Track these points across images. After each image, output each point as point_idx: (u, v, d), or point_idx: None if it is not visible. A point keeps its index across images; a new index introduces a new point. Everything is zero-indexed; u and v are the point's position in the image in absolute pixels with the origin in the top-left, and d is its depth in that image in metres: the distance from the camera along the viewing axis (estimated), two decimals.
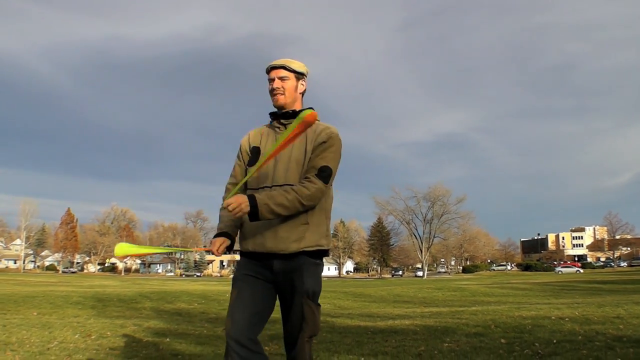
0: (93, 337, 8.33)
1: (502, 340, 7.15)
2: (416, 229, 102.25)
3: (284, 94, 3.44)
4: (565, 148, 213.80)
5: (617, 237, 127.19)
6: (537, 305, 15.68)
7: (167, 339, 8.39)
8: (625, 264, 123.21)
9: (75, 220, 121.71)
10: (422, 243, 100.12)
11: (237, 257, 3.54)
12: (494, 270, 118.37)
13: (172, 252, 3.10)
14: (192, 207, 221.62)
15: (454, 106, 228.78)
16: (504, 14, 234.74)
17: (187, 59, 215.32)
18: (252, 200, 3.07)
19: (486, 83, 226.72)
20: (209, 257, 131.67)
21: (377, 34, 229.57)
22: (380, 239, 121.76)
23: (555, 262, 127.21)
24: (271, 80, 3.46)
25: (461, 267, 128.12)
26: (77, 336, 8.37)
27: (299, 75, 3.51)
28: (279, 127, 3.48)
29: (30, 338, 7.95)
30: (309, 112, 2.98)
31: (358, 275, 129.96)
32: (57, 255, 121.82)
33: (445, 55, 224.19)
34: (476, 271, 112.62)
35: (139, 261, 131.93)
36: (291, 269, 3.21)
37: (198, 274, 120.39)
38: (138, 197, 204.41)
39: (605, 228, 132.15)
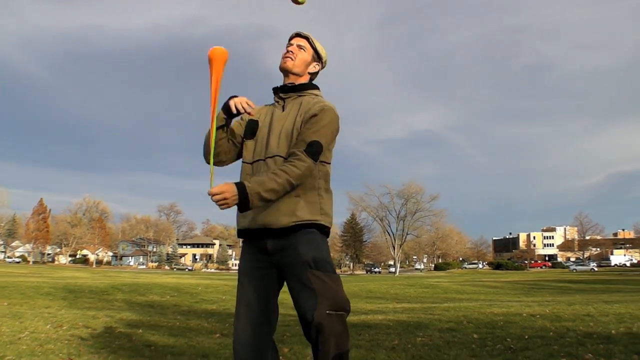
0: (64, 327, 8.26)
1: (475, 336, 7.20)
2: (389, 226, 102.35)
3: (294, 60, 3.31)
4: (538, 148, 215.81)
5: (587, 237, 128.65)
6: (508, 302, 15.82)
7: (140, 330, 8.35)
8: (595, 264, 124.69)
9: (47, 211, 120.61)
10: (395, 240, 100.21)
11: (210, 250, 3.40)
12: (465, 268, 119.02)
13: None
14: (166, 199, 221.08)
15: (429, 104, 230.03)
16: (480, 15, 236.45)
17: (163, 50, 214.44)
18: (243, 190, 2.87)
19: (461, 82, 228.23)
20: (180, 250, 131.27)
21: (353, 30, 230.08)
22: (353, 235, 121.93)
23: (526, 262, 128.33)
24: (289, 45, 3.37)
25: (433, 265, 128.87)
26: (48, 326, 8.30)
27: (317, 55, 3.40)
28: (277, 102, 3.34)
29: (0, 328, 7.87)
30: (215, 48, 2.98)
31: None
32: (28, 246, 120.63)
33: (421, 53, 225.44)
34: (448, 269, 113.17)
35: (110, 253, 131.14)
36: (285, 245, 3.00)
37: (189, 267, 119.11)
38: (111, 188, 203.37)
39: (576, 228, 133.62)
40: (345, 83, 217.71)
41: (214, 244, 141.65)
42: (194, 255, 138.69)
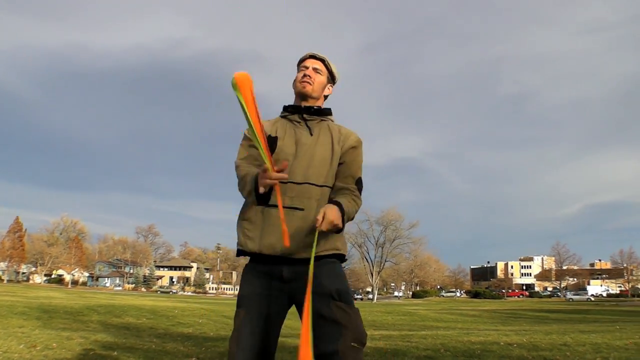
0: (38, 347, 8.16)
1: None
2: (368, 253, 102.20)
3: (312, 84, 3.23)
4: (518, 177, 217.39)
5: (564, 267, 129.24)
6: (485, 331, 15.83)
7: (115, 353, 8.26)
8: (571, 294, 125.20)
9: (23, 230, 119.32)
10: (373, 267, 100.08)
11: (188, 273, 3.24)
12: (443, 296, 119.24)
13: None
14: (145, 220, 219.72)
15: (411, 131, 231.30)
16: (464, 44, 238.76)
17: (147, 71, 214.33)
18: (341, 210, 2.86)
19: (443, 110, 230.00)
20: (157, 272, 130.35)
21: (337, 54, 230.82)
22: None
23: (504, 291, 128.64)
24: (304, 67, 3.27)
25: (411, 292, 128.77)
26: (21, 346, 8.18)
27: (331, 78, 3.36)
28: (299, 122, 3.19)
29: None
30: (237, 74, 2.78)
31: None
32: (3, 265, 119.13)
33: (404, 80, 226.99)
34: (426, 296, 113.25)
35: (86, 274, 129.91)
36: (303, 274, 2.78)
37: (174, 290, 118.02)
38: (90, 208, 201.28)
39: (553, 258, 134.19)
40: (327, 106, 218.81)
41: (192, 267, 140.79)
42: (171, 278, 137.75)
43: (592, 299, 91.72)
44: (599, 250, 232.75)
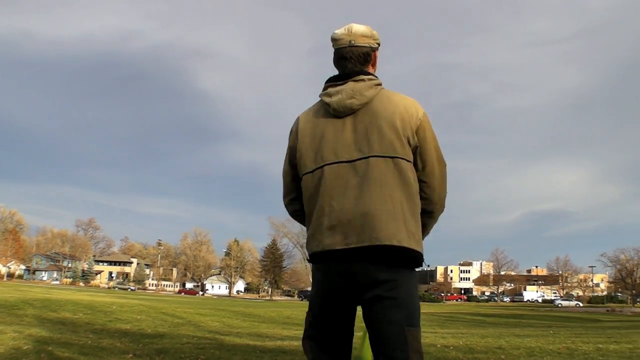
0: None
1: None
2: None
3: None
4: (461, 183, 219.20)
5: (502, 273, 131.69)
6: (423, 333, 15.99)
7: (50, 348, 8.12)
8: (508, 299, 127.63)
9: None
10: None
11: (127, 269, 2.93)
12: None
13: None
14: (85, 214, 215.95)
15: None
16: (414, 50, 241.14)
17: (95, 62, 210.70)
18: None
19: None
20: (97, 267, 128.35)
21: (288, 55, 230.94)
22: (273, 260, 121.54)
23: (443, 294, 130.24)
24: None
25: None
26: None
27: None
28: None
29: None
30: None
31: (248, 295, 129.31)
32: None
33: None
34: None
35: (23, 267, 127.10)
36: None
37: (132, 287, 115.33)
38: (29, 199, 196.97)
39: (492, 264, 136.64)
40: (277, 106, 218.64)
41: (132, 263, 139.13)
42: (110, 273, 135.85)
43: (581, 305, 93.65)
44: (536, 257, 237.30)
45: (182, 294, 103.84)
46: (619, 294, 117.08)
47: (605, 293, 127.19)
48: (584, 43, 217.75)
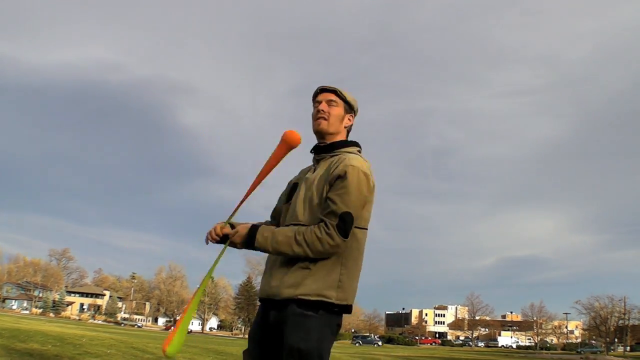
0: None
1: None
2: None
3: (327, 119, 3.08)
4: (437, 228, 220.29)
5: (477, 317, 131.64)
6: None
7: None
8: (483, 344, 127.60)
9: None
10: None
11: (100, 301, 3.25)
12: (357, 343, 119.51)
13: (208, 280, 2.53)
14: (59, 244, 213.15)
15: None
16: (392, 95, 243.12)
17: (75, 92, 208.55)
18: (251, 235, 2.90)
19: (367, 155, 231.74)
20: (68, 298, 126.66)
21: (268, 94, 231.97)
22: (247, 298, 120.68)
23: (417, 337, 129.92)
24: (317, 103, 3.14)
25: None
26: None
27: (349, 108, 3.16)
28: (314, 164, 3.15)
29: None
30: (291, 131, 2.86)
31: (221, 332, 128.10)
32: None
33: None
34: (340, 339, 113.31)
35: None
36: (280, 320, 2.79)
37: (139, 325, 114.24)
38: (2, 226, 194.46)
39: (467, 308, 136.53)
40: (256, 145, 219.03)
41: (104, 295, 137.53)
42: (82, 305, 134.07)
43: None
44: (510, 302, 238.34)
45: (168, 330, 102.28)
46: (593, 341, 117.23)
47: (579, 340, 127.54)
48: (558, 95, 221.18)
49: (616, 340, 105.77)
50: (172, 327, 2.92)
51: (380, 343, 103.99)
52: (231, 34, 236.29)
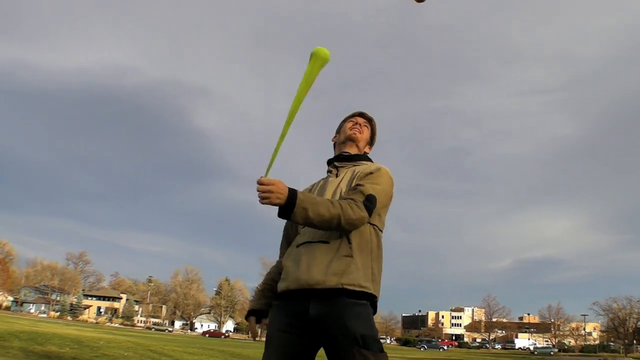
0: None
1: None
2: None
3: (361, 133, 3.34)
4: (453, 229, 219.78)
5: (494, 319, 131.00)
6: None
7: None
8: (500, 346, 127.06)
9: None
10: None
11: (116, 304, 3.17)
12: None
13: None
14: (76, 247, 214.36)
15: None
16: (407, 95, 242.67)
17: (90, 95, 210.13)
18: (293, 196, 2.71)
19: (382, 158, 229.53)
20: (85, 301, 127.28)
21: (280, 95, 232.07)
22: None
23: (434, 340, 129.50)
24: (353, 121, 3.39)
25: None
26: None
27: (373, 139, 3.48)
28: (330, 171, 3.28)
29: None
30: (320, 48, 2.84)
31: (238, 335, 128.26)
32: None
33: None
34: None
35: (11, 298, 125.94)
36: (330, 313, 2.73)
37: (170, 329, 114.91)
38: (20, 229, 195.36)
39: (483, 310, 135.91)
40: (268, 147, 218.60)
41: (121, 298, 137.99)
42: (99, 308, 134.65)
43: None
44: (528, 304, 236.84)
45: (207, 335, 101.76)
46: (611, 343, 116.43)
47: (597, 342, 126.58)
48: (574, 94, 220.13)
49: (635, 341, 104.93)
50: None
51: (445, 347, 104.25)
52: (244, 35, 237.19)
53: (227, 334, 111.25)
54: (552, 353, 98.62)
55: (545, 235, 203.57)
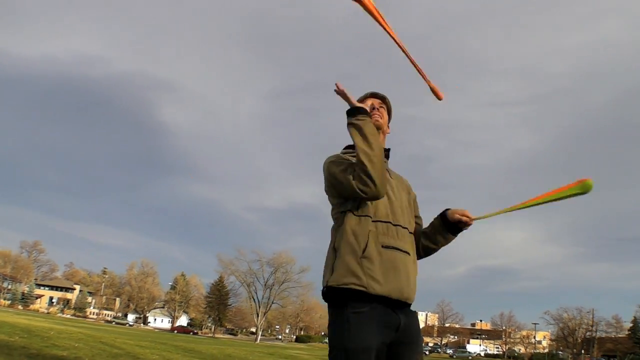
0: None
1: None
2: (256, 293, 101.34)
3: (382, 117, 3.32)
4: None
5: (447, 325, 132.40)
6: None
7: None
8: (451, 351, 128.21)
9: None
10: (259, 307, 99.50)
11: (69, 295, 3.08)
12: (326, 343, 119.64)
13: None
14: (31, 236, 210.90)
15: (313, 179, 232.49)
16: None
17: (55, 85, 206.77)
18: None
19: None
20: (37, 291, 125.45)
21: (250, 96, 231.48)
22: (219, 297, 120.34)
23: None
24: (370, 102, 3.30)
25: (295, 336, 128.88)
26: None
27: (390, 117, 3.45)
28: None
29: None
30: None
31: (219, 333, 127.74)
32: None
33: (311, 129, 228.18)
34: (309, 342, 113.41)
35: None
36: (412, 325, 2.90)
37: (130, 323, 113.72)
38: None
39: (437, 315, 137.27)
40: (234, 146, 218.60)
41: (74, 289, 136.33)
42: (51, 298, 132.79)
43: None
44: (481, 311, 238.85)
45: (175, 332, 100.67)
46: (560, 352, 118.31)
47: (546, 350, 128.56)
48: (537, 108, 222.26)
49: (583, 351, 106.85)
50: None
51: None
52: (217, 33, 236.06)
53: (196, 331, 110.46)
54: (470, 358, 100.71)
55: (502, 245, 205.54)
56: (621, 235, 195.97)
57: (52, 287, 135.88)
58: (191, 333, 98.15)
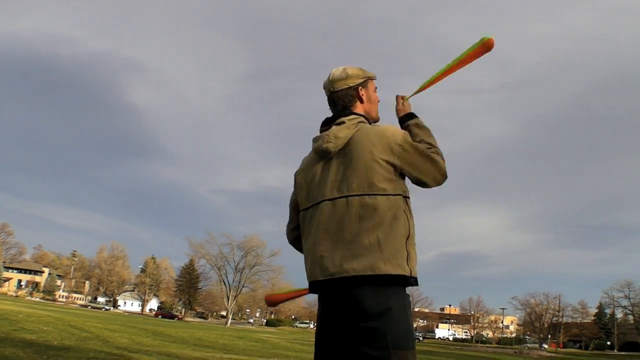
0: None
1: None
2: (226, 276, 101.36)
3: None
4: None
5: (416, 309, 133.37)
6: None
7: None
8: (420, 335, 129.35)
9: None
10: (230, 291, 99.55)
11: (38, 278, 3.06)
12: (297, 327, 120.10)
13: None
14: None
15: (281, 163, 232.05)
16: None
17: (21, 63, 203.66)
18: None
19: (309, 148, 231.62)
20: (5, 274, 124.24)
21: (221, 78, 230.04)
22: (189, 280, 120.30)
23: None
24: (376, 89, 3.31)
25: (265, 320, 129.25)
26: None
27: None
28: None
29: None
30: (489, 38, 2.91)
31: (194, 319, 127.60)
32: None
33: (282, 113, 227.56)
34: (279, 325, 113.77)
35: None
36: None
37: (107, 307, 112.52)
38: None
39: None
40: (202, 128, 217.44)
41: (43, 272, 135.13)
42: (19, 281, 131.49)
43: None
44: (450, 296, 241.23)
45: (160, 317, 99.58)
46: (527, 337, 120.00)
47: (514, 335, 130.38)
48: (507, 96, 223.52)
49: (549, 336, 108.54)
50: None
51: None
52: (186, 14, 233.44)
53: (179, 316, 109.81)
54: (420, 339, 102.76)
55: (471, 231, 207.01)
56: (588, 222, 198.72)
57: (20, 270, 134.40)
58: (176, 318, 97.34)
